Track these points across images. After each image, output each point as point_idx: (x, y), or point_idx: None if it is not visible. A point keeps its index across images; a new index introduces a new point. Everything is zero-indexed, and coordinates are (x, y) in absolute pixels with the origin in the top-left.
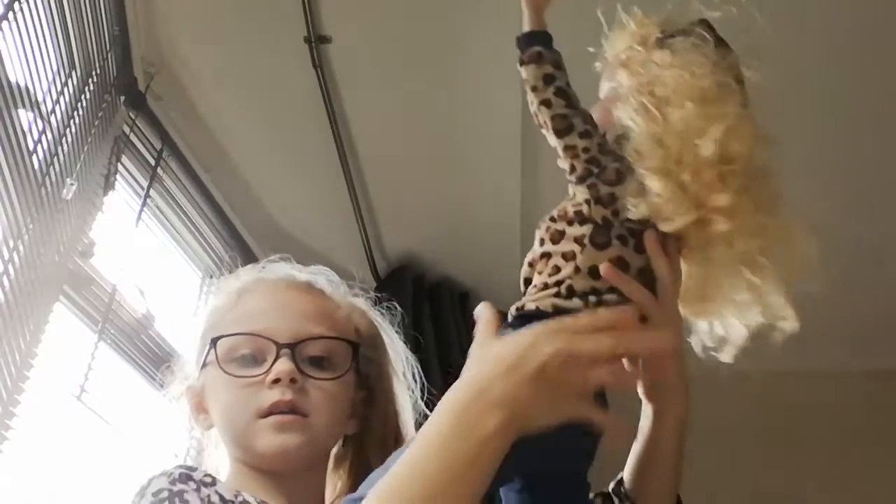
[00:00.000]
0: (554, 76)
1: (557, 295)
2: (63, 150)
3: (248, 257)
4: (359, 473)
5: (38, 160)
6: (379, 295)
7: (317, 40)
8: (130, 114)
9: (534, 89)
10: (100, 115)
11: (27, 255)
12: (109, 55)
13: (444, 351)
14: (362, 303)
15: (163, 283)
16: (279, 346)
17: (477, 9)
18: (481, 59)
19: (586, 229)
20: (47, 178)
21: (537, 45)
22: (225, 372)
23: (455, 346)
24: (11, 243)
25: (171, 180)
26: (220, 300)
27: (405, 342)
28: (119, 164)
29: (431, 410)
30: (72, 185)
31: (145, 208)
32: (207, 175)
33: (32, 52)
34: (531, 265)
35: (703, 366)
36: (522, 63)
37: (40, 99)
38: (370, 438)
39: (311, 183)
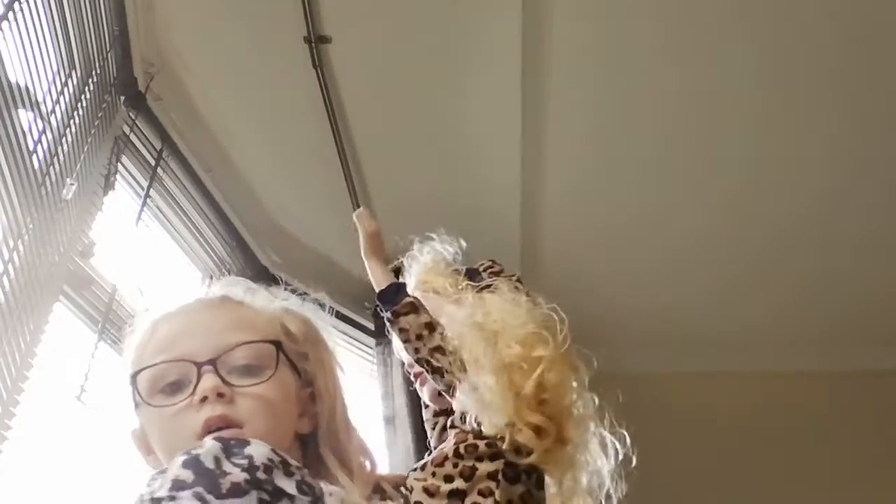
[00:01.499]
0: (434, 324)
1: None
2: (63, 150)
3: (249, 257)
4: (312, 468)
5: (38, 160)
6: (304, 293)
7: (317, 40)
8: (130, 114)
9: (419, 338)
10: (100, 115)
11: (27, 255)
12: (109, 55)
13: None
14: (289, 303)
15: (163, 283)
16: (199, 365)
17: (476, 9)
18: (480, 59)
19: (499, 464)
20: (47, 178)
21: (405, 294)
22: (152, 406)
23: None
24: (11, 243)
25: (171, 180)
26: (136, 337)
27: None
28: (119, 164)
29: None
30: (72, 185)
31: (145, 208)
32: (207, 175)
33: (32, 52)
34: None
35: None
36: (398, 315)
37: (40, 99)
38: (320, 433)
39: (311, 183)
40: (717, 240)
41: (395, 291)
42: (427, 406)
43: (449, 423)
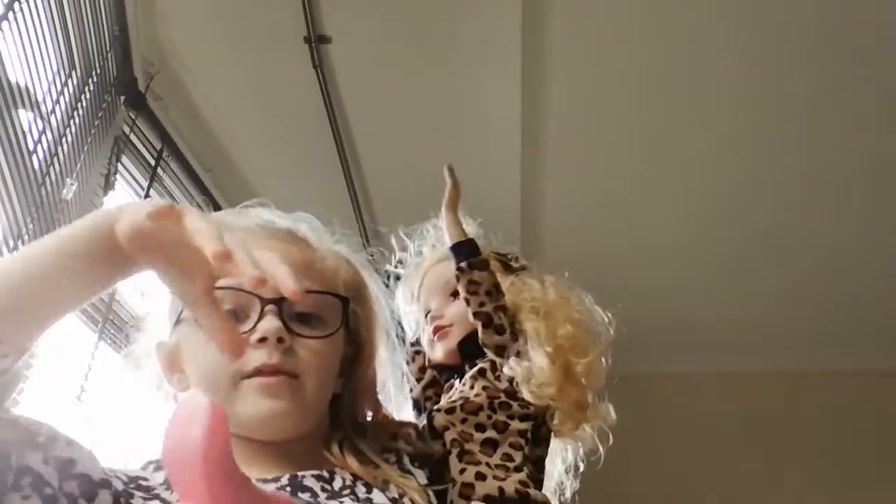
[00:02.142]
0: (500, 285)
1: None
2: (63, 150)
3: None
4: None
5: (38, 160)
6: (363, 242)
7: (317, 40)
8: (130, 114)
9: (488, 294)
10: (100, 115)
11: None
12: (109, 55)
13: None
14: (347, 251)
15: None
16: (264, 302)
17: (476, 9)
18: (480, 59)
19: (528, 425)
20: (47, 178)
21: (479, 252)
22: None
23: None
24: (11, 243)
25: (171, 180)
26: None
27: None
28: (119, 164)
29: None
30: (72, 185)
31: None
32: (207, 175)
33: (32, 52)
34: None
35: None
36: (473, 267)
37: (40, 99)
38: (350, 395)
39: (311, 183)
40: (717, 239)
41: (473, 246)
42: (427, 363)
43: (475, 373)
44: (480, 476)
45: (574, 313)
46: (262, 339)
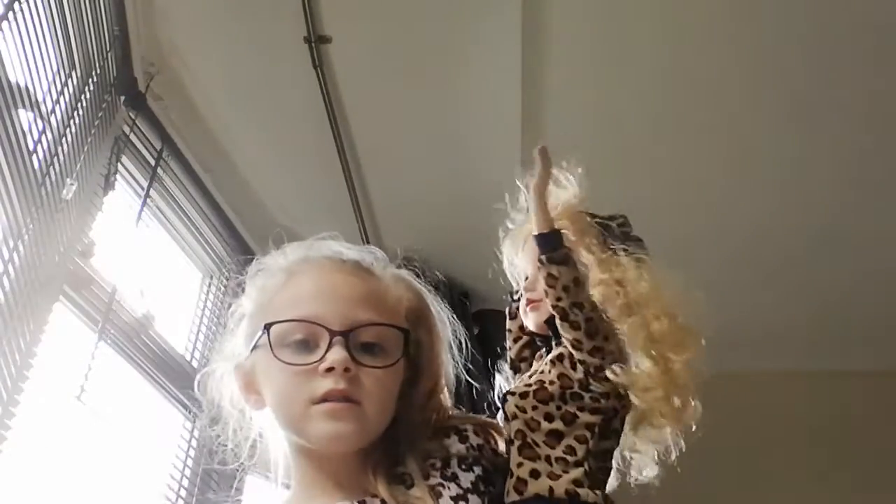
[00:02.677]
0: (581, 280)
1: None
2: (63, 150)
3: (249, 257)
4: (388, 449)
5: (38, 160)
6: (417, 267)
7: (317, 40)
8: (130, 114)
9: (565, 289)
10: (100, 115)
11: (27, 255)
12: (109, 55)
13: None
14: (408, 276)
15: (163, 283)
16: (332, 334)
17: (476, 8)
18: (480, 59)
19: (597, 419)
20: (47, 178)
21: (563, 246)
22: (278, 359)
23: (455, 345)
24: (11, 243)
25: (171, 180)
26: (268, 279)
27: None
28: (119, 164)
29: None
30: (72, 185)
31: (145, 208)
32: (207, 175)
33: (32, 52)
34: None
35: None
36: (552, 262)
37: (40, 99)
38: (407, 417)
39: (311, 183)
40: (717, 239)
41: (556, 237)
42: (519, 327)
43: (554, 357)
44: (535, 473)
45: (669, 305)
46: (330, 369)
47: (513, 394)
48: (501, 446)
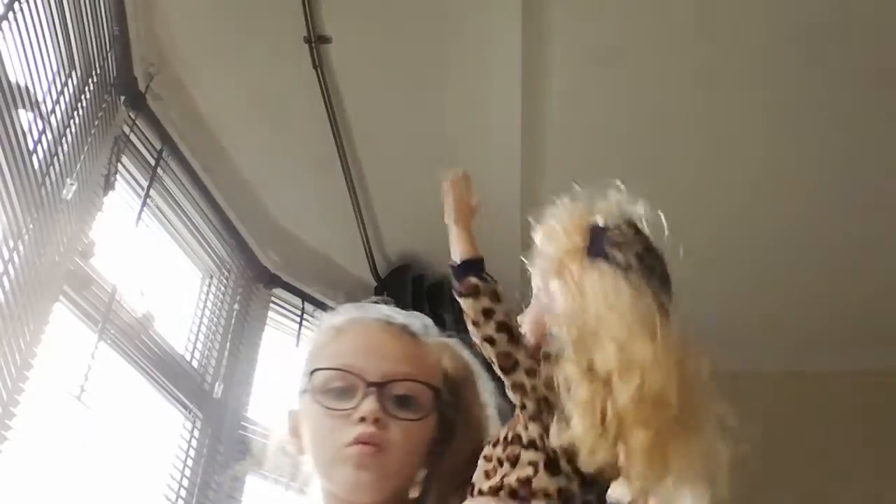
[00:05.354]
0: (493, 310)
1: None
2: (63, 150)
3: (249, 257)
4: None
5: (38, 160)
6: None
7: (317, 40)
8: (130, 114)
9: (475, 324)
10: (100, 115)
11: (27, 255)
12: (109, 55)
13: None
14: (454, 345)
15: (163, 284)
16: (367, 384)
17: (476, 9)
18: (480, 59)
19: (539, 456)
20: (47, 178)
21: (472, 275)
22: (317, 402)
23: None
24: (11, 243)
25: (171, 180)
26: (320, 336)
27: None
28: (119, 164)
29: None
30: (72, 185)
31: (145, 208)
32: (207, 175)
33: (32, 52)
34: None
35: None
36: (460, 295)
37: (40, 99)
38: (437, 483)
39: (311, 183)
40: (723, 242)
41: (463, 270)
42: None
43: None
44: None
45: (618, 327)
46: (362, 419)
47: (489, 443)
48: None
